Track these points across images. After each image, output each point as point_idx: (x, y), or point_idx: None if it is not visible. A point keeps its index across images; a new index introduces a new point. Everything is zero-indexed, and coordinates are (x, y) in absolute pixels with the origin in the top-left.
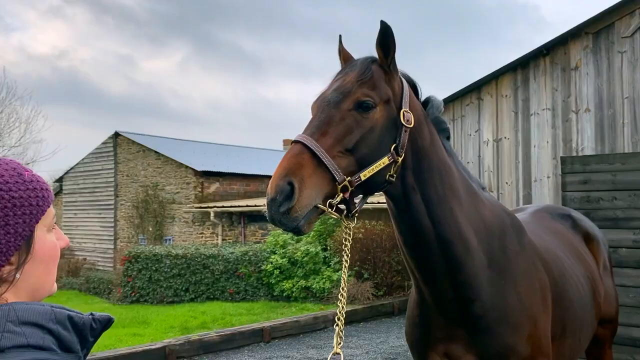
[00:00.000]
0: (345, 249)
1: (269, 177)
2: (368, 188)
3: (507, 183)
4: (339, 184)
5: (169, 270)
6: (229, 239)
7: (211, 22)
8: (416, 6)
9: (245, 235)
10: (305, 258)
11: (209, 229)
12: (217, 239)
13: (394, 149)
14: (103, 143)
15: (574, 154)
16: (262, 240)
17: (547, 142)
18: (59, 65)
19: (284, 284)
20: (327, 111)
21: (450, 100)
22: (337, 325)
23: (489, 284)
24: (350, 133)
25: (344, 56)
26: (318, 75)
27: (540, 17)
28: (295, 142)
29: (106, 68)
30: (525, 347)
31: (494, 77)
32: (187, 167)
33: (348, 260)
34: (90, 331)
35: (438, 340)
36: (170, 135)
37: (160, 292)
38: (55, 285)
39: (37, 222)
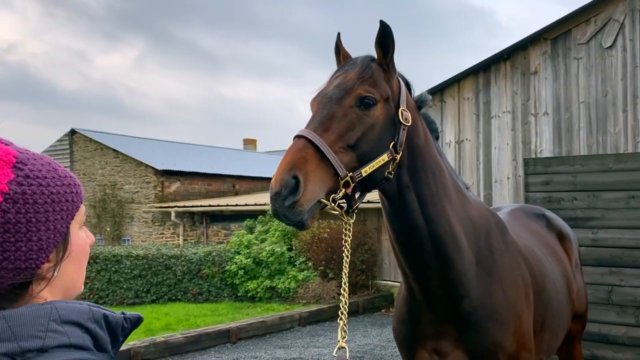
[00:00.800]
0: (346, 244)
1: (231, 176)
2: (367, 184)
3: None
4: (342, 179)
5: (129, 271)
6: (191, 240)
7: (169, 19)
8: (376, 8)
9: (207, 235)
10: (271, 258)
11: (169, 229)
12: (178, 240)
13: (392, 147)
14: (58, 140)
15: (533, 155)
16: (225, 241)
17: (507, 144)
18: (8, 60)
19: (248, 284)
20: (329, 107)
21: None
22: (341, 319)
23: (477, 282)
24: (352, 129)
25: (343, 54)
26: (278, 75)
27: (495, 22)
28: (299, 136)
29: (58, 63)
30: (511, 342)
31: (457, 80)
32: (147, 165)
33: (349, 256)
34: (121, 330)
35: (427, 336)
36: (125, 133)
37: (121, 293)
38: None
39: (73, 219)
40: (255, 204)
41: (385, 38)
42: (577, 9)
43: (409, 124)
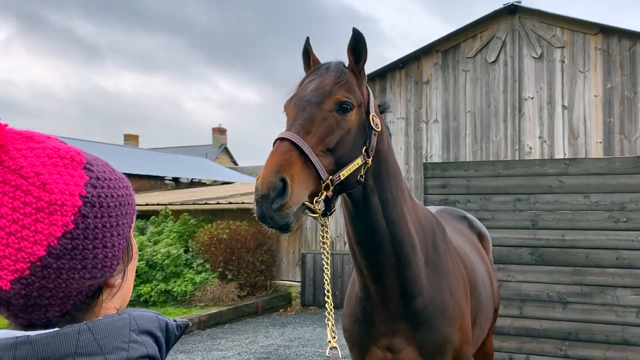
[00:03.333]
0: (325, 246)
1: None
2: (343, 188)
3: None
4: (323, 182)
5: None
6: None
7: (40, 1)
8: (263, 8)
9: None
10: (166, 260)
11: None
12: None
13: (364, 151)
14: None
15: (424, 160)
16: None
17: (401, 148)
18: None
19: (141, 288)
20: (309, 111)
21: None
22: (329, 319)
23: (427, 280)
24: (331, 133)
25: (313, 59)
26: (162, 69)
27: (379, 30)
28: (282, 139)
29: None
30: (458, 337)
31: None
32: None
33: (329, 257)
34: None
35: (381, 334)
36: None
37: None
38: None
39: (133, 223)
40: (147, 204)
41: (357, 45)
42: (465, 25)
43: (379, 130)
